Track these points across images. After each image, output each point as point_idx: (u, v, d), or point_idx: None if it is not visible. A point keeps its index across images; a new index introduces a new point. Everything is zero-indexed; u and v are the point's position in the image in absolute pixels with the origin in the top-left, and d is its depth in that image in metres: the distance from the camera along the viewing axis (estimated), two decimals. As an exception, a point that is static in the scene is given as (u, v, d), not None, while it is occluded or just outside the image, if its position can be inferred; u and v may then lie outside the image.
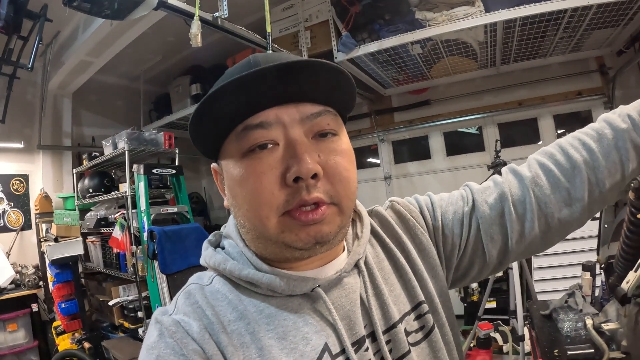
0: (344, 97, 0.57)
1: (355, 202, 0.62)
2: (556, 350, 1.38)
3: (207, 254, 0.62)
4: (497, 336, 3.29)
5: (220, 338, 0.52)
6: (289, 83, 0.51)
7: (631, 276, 0.95)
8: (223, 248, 0.64)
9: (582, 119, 4.14)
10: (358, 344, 0.57)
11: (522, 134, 4.39)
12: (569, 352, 1.28)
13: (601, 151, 0.64)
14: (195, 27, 1.86)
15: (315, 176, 0.51)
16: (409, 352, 0.60)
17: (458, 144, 4.70)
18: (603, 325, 1.04)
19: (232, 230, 0.63)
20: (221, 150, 0.57)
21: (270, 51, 2.32)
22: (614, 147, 0.63)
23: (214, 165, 0.62)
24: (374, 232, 0.69)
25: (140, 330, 3.52)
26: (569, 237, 0.71)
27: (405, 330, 0.62)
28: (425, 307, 0.65)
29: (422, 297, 0.65)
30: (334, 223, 0.54)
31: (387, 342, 0.59)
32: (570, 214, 0.65)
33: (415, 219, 0.71)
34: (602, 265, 1.40)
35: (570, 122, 4.21)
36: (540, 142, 4.25)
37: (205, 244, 0.66)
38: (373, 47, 3.36)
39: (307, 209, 0.51)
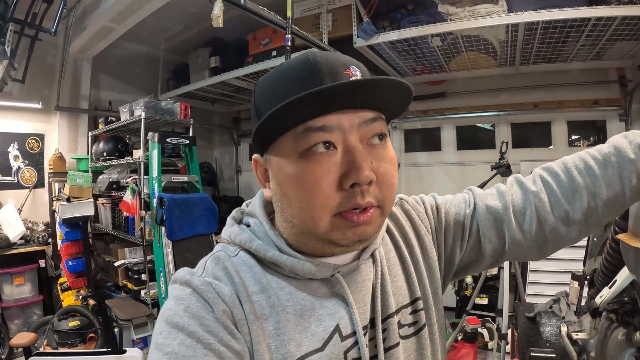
0: (398, 106, 0.59)
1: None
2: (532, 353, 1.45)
3: (233, 231, 0.64)
4: (484, 332, 3.37)
5: (245, 305, 0.56)
6: (357, 96, 0.53)
7: (605, 292, 0.99)
8: (248, 225, 0.65)
9: (596, 128, 4.12)
10: (365, 329, 0.61)
11: (534, 136, 4.38)
12: (532, 353, 1.35)
13: (604, 178, 0.64)
14: (218, 9, 1.88)
15: (370, 183, 0.53)
16: (397, 344, 0.63)
17: (469, 139, 4.68)
18: (573, 334, 1.10)
19: (258, 210, 0.64)
20: (272, 145, 0.57)
21: (322, 49, 2.33)
22: (618, 176, 0.63)
23: (256, 156, 0.62)
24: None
25: (142, 292, 3.65)
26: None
27: (399, 322, 0.65)
28: (421, 303, 0.68)
29: (419, 294, 0.68)
30: (376, 224, 0.57)
31: (383, 331, 0.62)
32: (567, 232, 0.67)
33: (421, 219, 0.74)
34: (587, 277, 1.45)
35: (584, 130, 4.20)
36: (552, 147, 4.24)
37: (229, 220, 0.68)
38: (393, 35, 3.34)
39: (358, 211, 0.54)
